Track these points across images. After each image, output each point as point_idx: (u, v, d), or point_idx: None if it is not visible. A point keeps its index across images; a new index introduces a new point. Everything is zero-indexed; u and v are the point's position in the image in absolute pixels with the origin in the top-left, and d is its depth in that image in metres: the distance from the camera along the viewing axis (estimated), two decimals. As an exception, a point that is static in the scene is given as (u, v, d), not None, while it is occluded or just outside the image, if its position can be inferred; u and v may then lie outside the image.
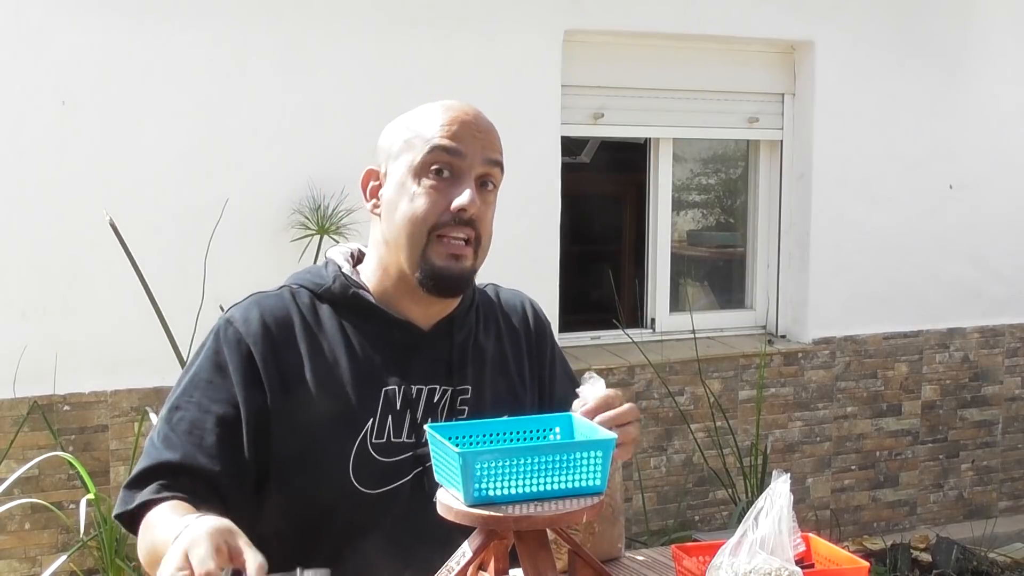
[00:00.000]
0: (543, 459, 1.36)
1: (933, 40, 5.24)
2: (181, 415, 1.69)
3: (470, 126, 1.74)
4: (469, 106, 1.79)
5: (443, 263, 1.71)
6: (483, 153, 1.74)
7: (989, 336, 5.51)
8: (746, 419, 4.91)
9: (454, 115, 1.74)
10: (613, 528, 1.67)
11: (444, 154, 1.71)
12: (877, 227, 5.18)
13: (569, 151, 4.97)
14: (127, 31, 3.92)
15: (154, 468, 1.65)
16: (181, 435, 1.67)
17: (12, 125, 3.82)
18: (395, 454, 1.72)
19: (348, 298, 1.78)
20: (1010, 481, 5.62)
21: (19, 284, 3.85)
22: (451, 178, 1.72)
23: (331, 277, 1.80)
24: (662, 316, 5.02)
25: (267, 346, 1.71)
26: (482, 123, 1.77)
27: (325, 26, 4.18)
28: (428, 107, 1.78)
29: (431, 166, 1.71)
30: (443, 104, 1.77)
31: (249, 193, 4.06)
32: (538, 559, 1.37)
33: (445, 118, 1.74)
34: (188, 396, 1.70)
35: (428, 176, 1.71)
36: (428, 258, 1.72)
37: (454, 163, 1.72)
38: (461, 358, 1.81)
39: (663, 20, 4.73)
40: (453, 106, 1.77)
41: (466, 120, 1.75)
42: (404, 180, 1.73)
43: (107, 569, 3.58)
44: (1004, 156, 5.42)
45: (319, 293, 1.79)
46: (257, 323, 1.73)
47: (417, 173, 1.72)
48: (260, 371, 1.70)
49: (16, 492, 3.74)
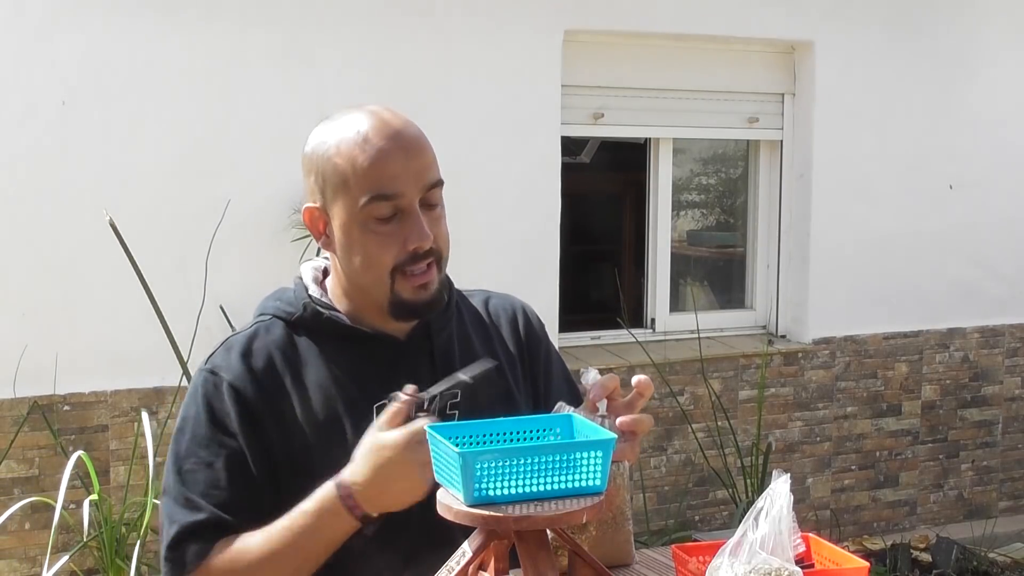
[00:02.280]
0: (543, 459, 1.36)
1: (933, 40, 5.24)
2: (192, 477, 1.69)
3: (398, 158, 1.67)
4: (391, 126, 1.69)
5: (412, 296, 1.71)
6: (418, 182, 1.68)
7: (989, 336, 5.51)
8: (746, 419, 4.91)
9: (378, 152, 1.66)
10: (617, 533, 1.66)
11: (382, 201, 1.67)
12: (877, 227, 5.18)
13: (569, 151, 4.98)
14: (127, 31, 3.92)
15: (187, 530, 1.67)
16: (199, 496, 1.67)
17: (12, 125, 3.82)
18: None
19: (322, 323, 1.77)
20: (1010, 481, 5.62)
21: (19, 284, 3.85)
22: (395, 217, 1.68)
23: (300, 304, 1.78)
24: (662, 316, 5.02)
25: (256, 391, 1.71)
26: (410, 146, 1.69)
27: (325, 26, 4.18)
28: (351, 136, 1.68)
29: (372, 215, 1.67)
30: (364, 133, 1.67)
31: (249, 193, 4.06)
32: (538, 559, 1.37)
33: (372, 159, 1.66)
34: (194, 456, 1.70)
35: (372, 224, 1.68)
36: (397, 294, 1.71)
37: (394, 204, 1.67)
38: (446, 361, 1.79)
39: (663, 20, 4.73)
40: (375, 135, 1.67)
41: (392, 152, 1.67)
42: (349, 227, 1.70)
43: (107, 569, 3.58)
44: (1004, 156, 5.42)
45: (292, 322, 1.78)
46: (242, 370, 1.72)
47: (360, 222, 1.68)
48: (256, 420, 1.70)
49: (16, 492, 3.74)
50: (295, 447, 1.70)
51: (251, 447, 1.69)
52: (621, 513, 1.58)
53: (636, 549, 1.74)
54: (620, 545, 1.62)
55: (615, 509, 1.58)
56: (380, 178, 1.66)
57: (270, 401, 1.71)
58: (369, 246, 1.69)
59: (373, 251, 1.69)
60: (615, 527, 1.58)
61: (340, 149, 1.69)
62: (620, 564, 1.63)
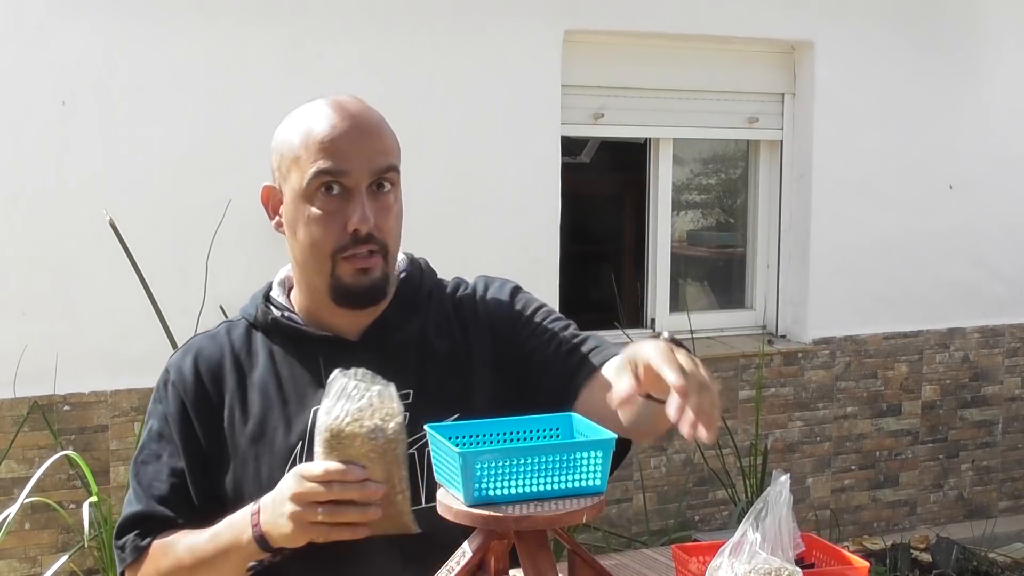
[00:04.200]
0: (543, 459, 1.36)
1: (933, 40, 5.24)
2: (143, 468, 1.79)
3: (350, 136, 1.68)
4: (349, 107, 1.71)
5: (352, 280, 1.70)
6: (369, 164, 1.68)
7: (989, 336, 5.51)
8: (746, 419, 4.91)
9: (331, 128, 1.68)
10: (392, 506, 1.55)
11: (327, 176, 1.68)
12: (877, 227, 5.18)
13: (569, 151, 4.97)
14: (127, 31, 3.92)
15: (128, 520, 1.79)
16: (144, 487, 1.78)
17: (12, 125, 3.82)
18: None
19: (271, 323, 1.79)
20: (1010, 481, 5.62)
21: (19, 284, 3.85)
22: (341, 195, 1.69)
23: (255, 306, 1.82)
24: (662, 316, 5.02)
25: (198, 393, 1.77)
26: (365, 127, 1.70)
27: (325, 26, 4.18)
28: (308, 117, 1.71)
29: (317, 190, 1.69)
30: (322, 112, 1.70)
31: (249, 193, 4.03)
32: (538, 559, 1.37)
33: (324, 134, 1.68)
34: (148, 449, 1.79)
35: (317, 199, 1.69)
36: (338, 278, 1.71)
37: (340, 182, 1.68)
38: (400, 362, 1.74)
39: (663, 20, 4.73)
40: (331, 115, 1.70)
41: (346, 131, 1.68)
42: (296, 203, 1.72)
43: (107, 569, 3.58)
44: (1004, 156, 5.42)
45: (252, 322, 1.82)
46: (190, 372, 1.78)
47: (306, 197, 1.70)
48: (193, 421, 1.76)
49: (16, 492, 3.74)
50: (224, 449, 1.75)
51: (185, 447, 1.76)
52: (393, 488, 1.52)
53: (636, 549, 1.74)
54: (398, 517, 1.55)
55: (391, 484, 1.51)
56: (329, 153, 1.68)
57: (203, 403, 1.77)
58: (312, 222, 1.70)
59: (315, 228, 1.69)
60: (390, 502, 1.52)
61: (297, 126, 1.73)
62: (404, 533, 1.56)
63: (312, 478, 1.49)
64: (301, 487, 1.50)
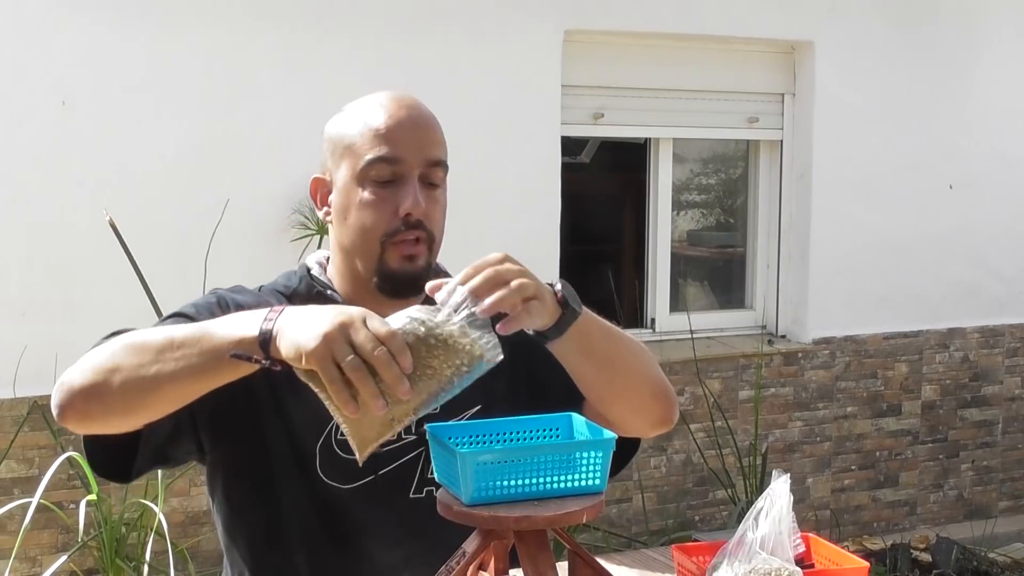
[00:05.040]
0: (543, 459, 1.36)
1: (933, 40, 5.24)
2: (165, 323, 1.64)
3: (406, 126, 1.71)
4: (406, 100, 1.74)
5: (398, 266, 1.71)
6: (421, 154, 1.71)
7: (989, 336, 5.51)
8: (746, 419, 4.92)
9: (388, 117, 1.71)
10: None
11: (383, 163, 1.69)
12: (877, 227, 5.18)
13: (569, 151, 4.98)
14: (127, 31, 3.92)
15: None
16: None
17: (12, 125, 3.82)
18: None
19: (312, 298, 1.75)
20: (1010, 481, 5.62)
21: (19, 284, 3.85)
22: (393, 183, 1.70)
23: (298, 279, 1.80)
24: (662, 316, 5.02)
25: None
26: (420, 119, 1.73)
27: (325, 26, 4.18)
28: (365, 107, 1.74)
29: (371, 175, 1.70)
30: (379, 102, 1.73)
31: (249, 193, 4.06)
32: (538, 559, 1.37)
33: (380, 122, 1.70)
34: (172, 318, 1.66)
35: (370, 185, 1.70)
36: (384, 264, 1.71)
37: (394, 170, 1.70)
38: None
39: (663, 20, 4.73)
40: (388, 105, 1.72)
41: (402, 120, 1.71)
42: (348, 188, 1.72)
43: (107, 569, 3.58)
44: (1004, 156, 5.42)
45: (288, 295, 1.79)
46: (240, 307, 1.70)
47: (359, 182, 1.71)
48: None
49: (16, 492, 3.74)
50: (262, 398, 1.68)
51: None
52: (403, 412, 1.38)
53: (636, 549, 1.74)
54: (378, 427, 1.40)
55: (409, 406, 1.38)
56: (385, 140, 1.69)
57: None
58: (364, 207, 1.70)
59: (366, 212, 1.70)
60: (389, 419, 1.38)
61: (353, 116, 1.74)
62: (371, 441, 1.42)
63: (374, 330, 1.35)
64: (357, 325, 1.35)
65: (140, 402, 1.52)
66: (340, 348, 1.33)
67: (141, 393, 1.50)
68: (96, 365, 1.56)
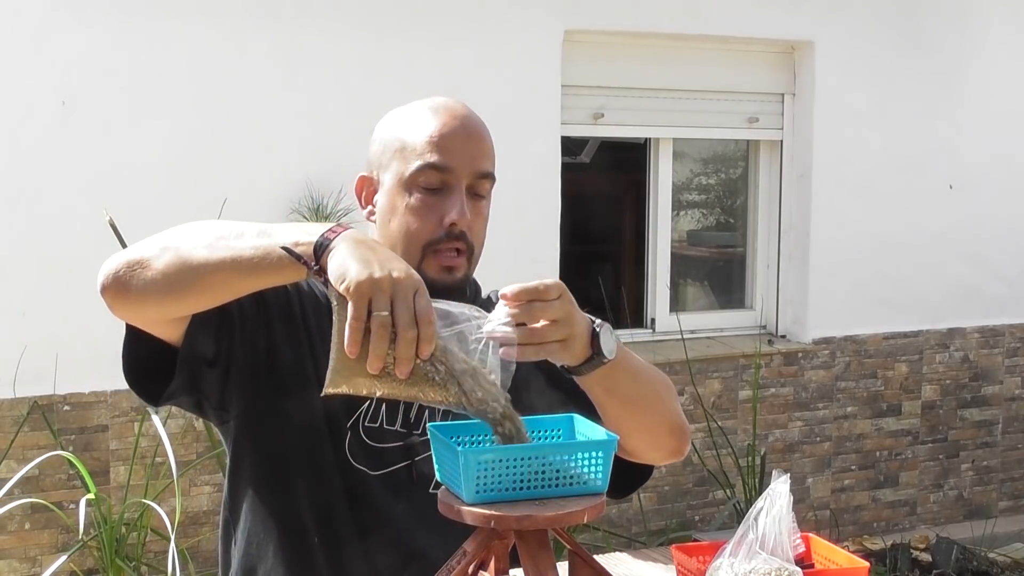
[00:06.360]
0: (544, 459, 1.36)
1: (933, 40, 5.24)
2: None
3: (459, 136, 1.71)
4: (458, 109, 1.75)
5: (436, 276, 1.70)
6: (471, 165, 1.71)
7: (989, 336, 5.51)
8: (746, 419, 4.92)
9: (442, 125, 1.71)
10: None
11: (433, 171, 1.70)
12: (877, 227, 5.18)
13: (569, 151, 4.98)
14: (127, 31, 3.92)
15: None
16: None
17: (12, 125, 3.82)
18: (385, 441, 1.73)
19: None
20: (1010, 481, 5.62)
21: (19, 284, 3.85)
22: (440, 191, 1.70)
23: None
24: (662, 316, 5.02)
25: (287, 306, 1.73)
26: (472, 130, 1.73)
27: (325, 25, 4.18)
28: (417, 112, 1.74)
29: (420, 181, 1.70)
30: (432, 108, 1.74)
31: (248, 193, 4.06)
32: (538, 559, 1.37)
33: (433, 129, 1.71)
34: None
35: (417, 191, 1.71)
36: (422, 272, 1.69)
37: (443, 178, 1.70)
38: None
39: (663, 20, 4.73)
40: (442, 112, 1.73)
41: (455, 129, 1.71)
42: (395, 192, 1.72)
43: (107, 569, 3.58)
44: (1004, 156, 5.42)
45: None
46: (290, 287, 1.73)
47: (407, 187, 1.71)
48: (274, 318, 1.72)
49: (16, 492, 3.74)
50: (300, 362, 1.71)
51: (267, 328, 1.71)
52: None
53: (636, 549, 1.74)
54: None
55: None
56: (437, 148, 1.70)
57: (302, 316, 1.73)
58: (409, 212, 1.71)
59: (411, 218, 1.70)
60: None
61: (405, 119, 1.74)
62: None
63: (419, 308, 1.35)
64: (406, 291, 1.35)
65: (178, 282, 1.53)
66: (380, 299, 1.34)
67: (182, 272, 1.52)
68: (157, 239, 1.58)
